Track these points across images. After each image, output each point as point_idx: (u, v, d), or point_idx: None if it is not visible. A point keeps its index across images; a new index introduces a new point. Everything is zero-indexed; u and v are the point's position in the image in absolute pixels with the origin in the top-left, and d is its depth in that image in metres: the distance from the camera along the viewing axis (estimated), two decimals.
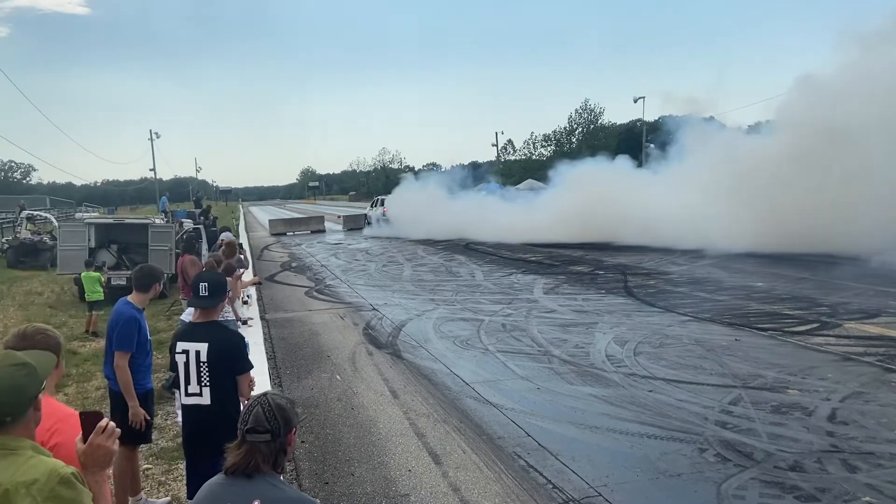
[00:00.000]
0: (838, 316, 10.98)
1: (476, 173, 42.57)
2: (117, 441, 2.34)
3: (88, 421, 2.32)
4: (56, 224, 24.39)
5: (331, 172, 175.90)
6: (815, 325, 10.48)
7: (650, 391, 7.70)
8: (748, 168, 20.59)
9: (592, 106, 78.49)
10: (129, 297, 5.29)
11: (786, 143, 20.37)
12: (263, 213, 73.77)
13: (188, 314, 6.56)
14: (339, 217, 46.14)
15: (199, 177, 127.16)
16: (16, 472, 2.07)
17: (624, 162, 30.84)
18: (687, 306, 12.34)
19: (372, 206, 40.23)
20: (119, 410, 5.21)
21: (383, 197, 39.89)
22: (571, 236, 24.40)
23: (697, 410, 7.00)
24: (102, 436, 2.27)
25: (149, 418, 5.31)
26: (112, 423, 2.35)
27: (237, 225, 39.86)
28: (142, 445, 5.77)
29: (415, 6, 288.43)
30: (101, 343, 11.51)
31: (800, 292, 13.19)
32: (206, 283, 4.30)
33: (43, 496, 2.03)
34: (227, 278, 8.59)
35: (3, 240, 27.02)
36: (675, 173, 24.65)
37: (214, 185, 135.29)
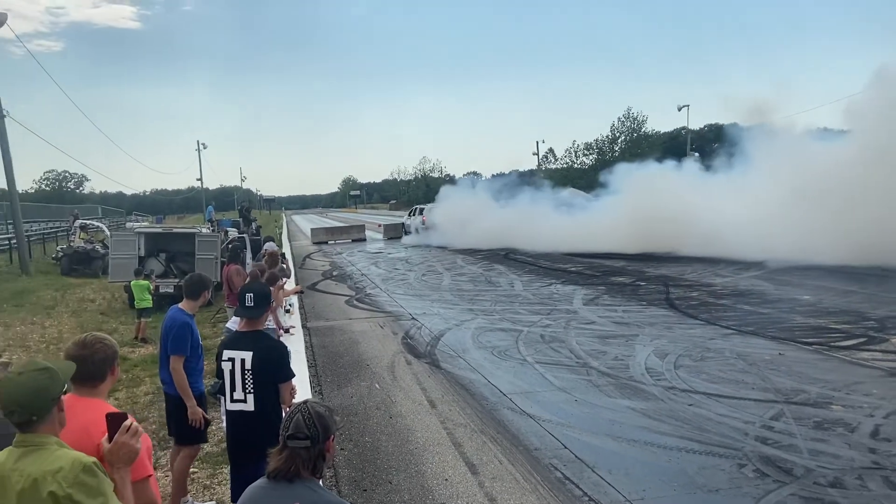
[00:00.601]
0: (886, 330, 10.73)
1: (524, 181, 42.25)
2: (140, 439, 2.52)
3: (114, 421, 2.52)
4: (108, 233, 25.15)
5: (372, 181, 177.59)
6: (861, 340, 10.26)
7: (690, 405, 7.65)
8: (817, 174, 19.44)
9: (635, 114, 77.72)
10: (180, 304, 5.54)
11: (858, 147, 19.31)
12: (306, 222, 74.80)
13: (234, 322, 6.77)
14: (379, 226, 46.50)
15: (244, 186, 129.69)
16: (43, 463, 2.30)
17: (690, 165, 29.34)
18: (730, 319, 12.18)
19: (410, 215, 40.37)
20: (175, 413, 5.45)
21: (422, 206, 39.93)
22: (631, 245, 23.71)
23: (737, 425, 6.94)
24: (126, 435, 2.49)
25: (207, 418, 5.52)
26: (136, 424, 2.55)
27: (280, 234, 40.52)
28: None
29: (455, 16, 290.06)
30: (149, 349, 11.86)
31: (847, 306, 12.91)
32: (252, 294, 4.47)
33: (67, 482, 2.26)
34: (271, 288, 8.82)
35: (58, 248, 27.94)
36: (740, 180, 23.52)
37: (259, 193, 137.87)
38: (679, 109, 55.09)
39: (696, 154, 48.67)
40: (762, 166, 22.42)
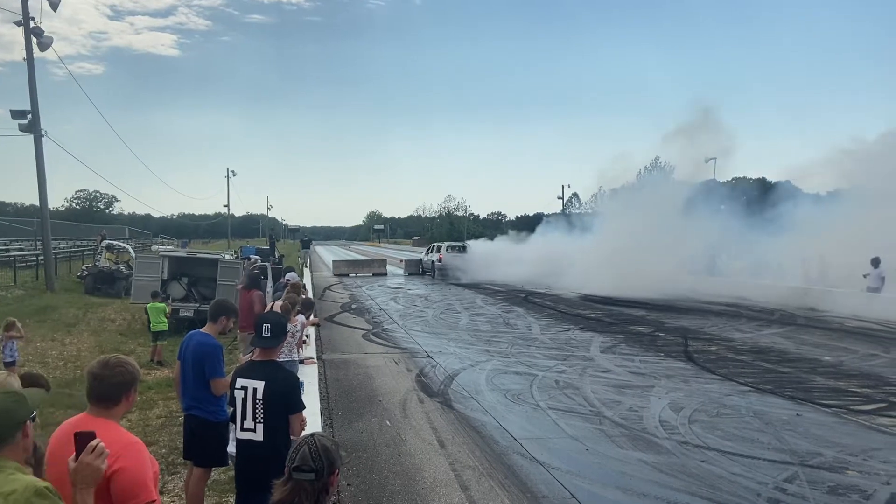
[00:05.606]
0: None
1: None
2: (106, 461, 2.51)
3: (82, 441, 2.48)
4: (133, 255, 25.56)
5: (396, 216, 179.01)
6: (882, 405, 10.05)
7: (702, 461, 7.53)
8: None
9: (663, 164, 77.65)
10: (204, 329, 5.59)
11: None
12: (328, 254, 75.29)
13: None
14: (401, 261, 46.86)
15: (270, 215, 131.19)
16: None
17: None
18: (748, 376, 12.01)
19: (427, 253, 41.60)
20: (197, 434, 5.45)
21: (439, 244, 41.59)
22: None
23: (750, 485, 6.81)
24: (91, 455, 2.47)
25: (226, 443, 5.51)
26: (102, 445, 2.52)
27: (302, 264, 40.82)
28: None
29: (485, 57, 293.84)
30: (165, 372, 11.95)
31: (870, 369, 12.67)
32: (269, 325, 4.53)
33: None
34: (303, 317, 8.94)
35: (83, 267, 28.40)
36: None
37: (284, 223, 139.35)
38: (706, 161, 54.96)
39: (722, 207, 48.43)
40: None
